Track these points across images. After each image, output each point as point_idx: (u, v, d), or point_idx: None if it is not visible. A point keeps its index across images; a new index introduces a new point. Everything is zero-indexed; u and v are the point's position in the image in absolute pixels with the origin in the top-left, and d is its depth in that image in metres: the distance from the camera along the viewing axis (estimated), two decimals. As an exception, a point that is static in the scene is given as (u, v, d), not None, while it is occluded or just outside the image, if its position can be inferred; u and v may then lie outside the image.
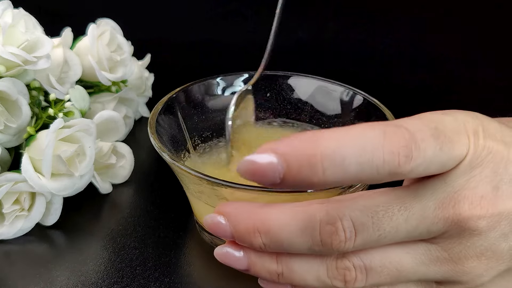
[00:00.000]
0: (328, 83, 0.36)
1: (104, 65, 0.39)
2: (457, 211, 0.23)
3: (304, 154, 0.21)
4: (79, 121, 0.34)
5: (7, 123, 0.33)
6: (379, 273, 0.25)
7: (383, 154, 0.21)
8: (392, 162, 0.21)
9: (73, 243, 0.34)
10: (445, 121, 0.24)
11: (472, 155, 0.24)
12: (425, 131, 0.22)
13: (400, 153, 0.21)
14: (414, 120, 0.23)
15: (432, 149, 0.22)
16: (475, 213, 0.23)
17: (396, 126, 0.22)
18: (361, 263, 0.25)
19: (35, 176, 0.32)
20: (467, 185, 0.24)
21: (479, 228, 0.23)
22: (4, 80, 0.33)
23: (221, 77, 0.36)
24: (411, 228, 0.24)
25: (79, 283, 0.30)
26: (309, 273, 0.25)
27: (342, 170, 0.21)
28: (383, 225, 0.23)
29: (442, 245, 0.24)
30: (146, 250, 0.33)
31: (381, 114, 0.33)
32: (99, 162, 0.37)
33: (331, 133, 0.21)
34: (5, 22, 0.34)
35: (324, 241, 0.24)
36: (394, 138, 0.21)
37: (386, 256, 0.25)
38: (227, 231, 0.25)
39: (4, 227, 0.33)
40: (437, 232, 0.24)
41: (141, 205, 0.37)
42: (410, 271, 0.25)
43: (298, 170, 0.21)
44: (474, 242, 0.24)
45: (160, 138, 0.31)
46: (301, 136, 0.21)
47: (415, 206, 0.24)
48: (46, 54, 0.35)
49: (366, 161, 0.21)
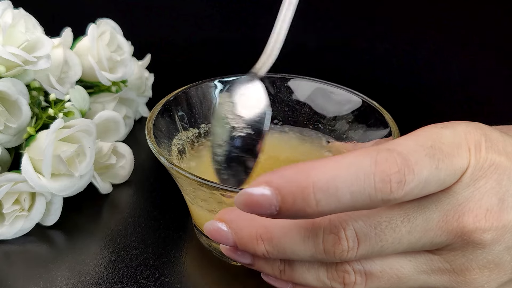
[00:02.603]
0: (326, 85, 0.36)
1: (104, 65, 0.39)
2: (461, 224, 0.23)
3: (297, 187, 0.21)
4: (79, 121, 0.34)
5: (7, 123, 0.33)
6: (379, 278, 0.25)
7: (374, 182, 0.21)
8: (384, 189, 0.21)
9: (73, 243, 0.33)
10: (443, 136, 0.23)
11: (474, 167, 0.23)
12: (419, 152, 0.22)
13: (391, 179, 0.21)
14: (408, 141, 0.22)
15: (427, 169, 0.22)
16: (480, 226, 0.23)
17: (388, 151, 0.22)
18: (361, 268, 0.25)
19: (35, 176, 0.32)
20: (471, 197, 0.23)
21: (483, 242, 0.23)
22: (4, 80, 0.33)
23: (218, 80, 0.36)
24: (414, 240, 0.23)
25: (79, 283, 0.30)
26: (309, 273, 0.25)
27: (336, 200, 0.21)
28: (386, 236, 0.23)
29: (444, 256, 0.24)
30: (146, 250, 0.33)
31: (380, 116, 0.33)
32: (99, 162, 0.36)
33: (322, 164, 0.21)
34: (5, 22, 0.34)
35: (326, 250, 0.23)
36: (385, 165, 0.21)
37: (387, 262, 0.25)
38: (229, 238, 0.25)
39: (4, 227, 0.33)
40: (440, 245, 0.24)
41: (141, 205, 0.37)
42: (410, 278, 0.25)
43: (293, 203, 0.21)
44: (477, 255, 0.24)
45: (158, 141, 0.31)
46: (293, 168, 0.21)
47: (418, 218, 0.23)
48: (46, 54, 0.34)
49: (359, 191, 0.21)
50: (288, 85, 0.37)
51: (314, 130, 0.37)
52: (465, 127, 0.24)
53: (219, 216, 0.25)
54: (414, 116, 0.45)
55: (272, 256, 0.25)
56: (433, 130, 0.23)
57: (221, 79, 0.36)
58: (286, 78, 0.37)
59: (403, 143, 0.22)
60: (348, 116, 0.35)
